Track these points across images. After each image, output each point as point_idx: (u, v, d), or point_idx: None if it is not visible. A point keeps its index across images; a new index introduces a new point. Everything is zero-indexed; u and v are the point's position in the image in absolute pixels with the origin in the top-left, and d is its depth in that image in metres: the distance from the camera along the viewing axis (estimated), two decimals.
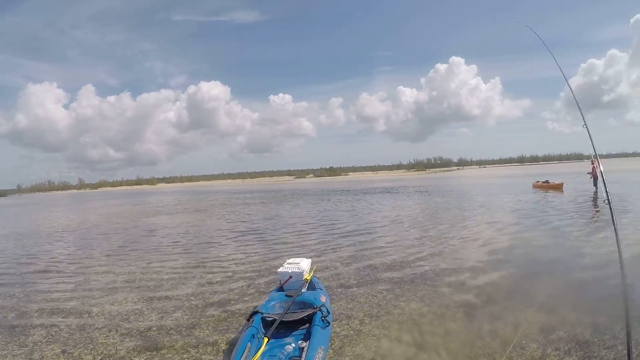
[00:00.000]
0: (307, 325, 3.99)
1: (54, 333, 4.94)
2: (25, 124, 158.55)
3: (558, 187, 21.55)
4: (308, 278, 4.84)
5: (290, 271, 4.81)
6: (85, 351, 4.34)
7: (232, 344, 4.19)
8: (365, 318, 4.83)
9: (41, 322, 5.33)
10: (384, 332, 4.40)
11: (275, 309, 4.20)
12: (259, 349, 3.23)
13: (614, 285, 5.56)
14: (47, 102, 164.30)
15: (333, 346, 4.12)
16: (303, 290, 4.61)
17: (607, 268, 6.31)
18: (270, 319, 3.92)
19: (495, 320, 4.58)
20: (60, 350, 4.42)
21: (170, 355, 4.15)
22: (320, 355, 3.35)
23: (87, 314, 5.58)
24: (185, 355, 4.11)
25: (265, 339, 3.35)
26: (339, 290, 6.06)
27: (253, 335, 3.62)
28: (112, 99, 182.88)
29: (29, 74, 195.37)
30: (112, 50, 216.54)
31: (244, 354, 3.34)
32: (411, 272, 6.77)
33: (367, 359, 3.82)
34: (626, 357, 2.31)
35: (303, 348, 3.46)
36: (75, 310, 5.76)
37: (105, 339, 4.65)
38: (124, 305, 5.88)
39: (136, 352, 4.25)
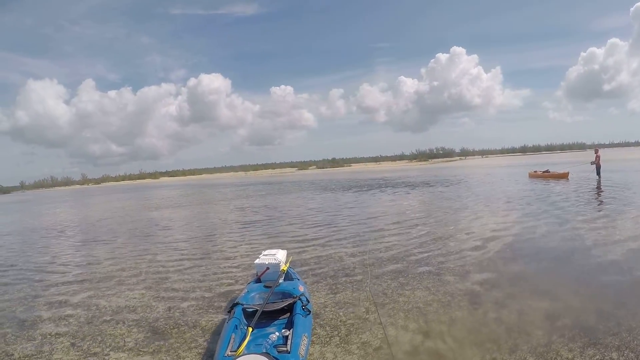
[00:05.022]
0: (288, 314, 4.04)
1: (62, 326, 4.99)
2: (26, 120, 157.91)
3: (564, 176, 21.73)
4: (284, 269, 4.89)
5: (267, 262, 4.82)
6: (94, 344, 4.39)
7: (215, 336, 4.24)
8: (370, 306, 4.88)
9: (49, 316, 5.39)
10: (389, 320, 4.44)
11: (255, 300, 4.24)
12: (244, 339, 3.25)
13: (617, 271, 5.60)
14: (47, 99, 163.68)
15: (339, 333, 4.17)
16: (280, 280, 4.65)
17: (610, 254, 6.33)
18: (251, 309, 3.95)
19: (500, 307, 4.61)
20: (69, 343, 4.47)
21: (179, 344, 4.20)
22: (305, 342, 3.39)
23: (95, 307, 5.63)
24: (192, 345, 4.17)
25: (250, 329, 3.37)
26: (344, 279, 6.10)
27: (236, 326, 3.64)
28: (112, 93, 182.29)
29: (28, 71, 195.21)
30: (111, 45, 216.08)
31: (229, 345, 3.36)
32: (415, 262, 6.80)
33: (374, 346, 3.86)
34: (631, 342, 2.33)
35: (287, 336, 3.49)
36: (83, 303, 5.82)
37: (113, 331, 4.71)
38: (131, 298, 5.93)
39: (145, 344, 4.30)
